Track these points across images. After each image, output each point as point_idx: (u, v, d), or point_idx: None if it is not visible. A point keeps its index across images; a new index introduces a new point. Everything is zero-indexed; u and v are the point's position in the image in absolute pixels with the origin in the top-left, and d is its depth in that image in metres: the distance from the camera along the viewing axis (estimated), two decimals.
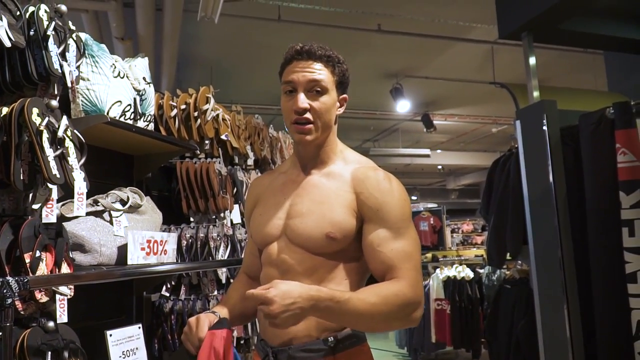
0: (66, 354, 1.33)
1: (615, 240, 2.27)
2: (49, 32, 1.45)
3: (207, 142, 2.56)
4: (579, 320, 2.44)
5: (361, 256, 1.38)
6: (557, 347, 2.49)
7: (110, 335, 1.64)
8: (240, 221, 2.63)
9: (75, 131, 1.47)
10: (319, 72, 1.37)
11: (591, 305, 2.39)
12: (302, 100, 1.35)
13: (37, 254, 1.33)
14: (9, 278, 1.20)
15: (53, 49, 1.46)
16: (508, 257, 3.20)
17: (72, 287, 1.44)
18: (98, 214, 1.75)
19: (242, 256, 2.47)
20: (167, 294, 2.42)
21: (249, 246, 1.63)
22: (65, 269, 1.42)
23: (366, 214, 1.36)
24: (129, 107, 1.90)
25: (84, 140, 1.50)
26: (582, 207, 2.46)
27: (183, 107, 2.49)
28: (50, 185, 1.40)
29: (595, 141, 2.40)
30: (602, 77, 4.23)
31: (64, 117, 1.43)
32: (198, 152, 2.53)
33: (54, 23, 1.48)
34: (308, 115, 1.36)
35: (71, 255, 1.54)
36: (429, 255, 7.53)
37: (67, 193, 1.50)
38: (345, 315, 1.22)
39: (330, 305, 1.19)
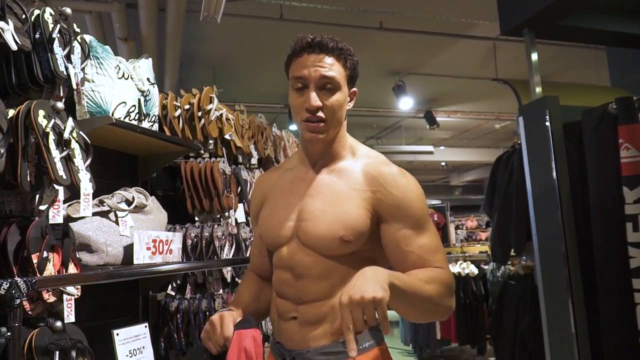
0: (74, 354, 1.34)
1: (620, 235, 2.27)
2: (54, 35, 1.47)
3: (211, 141, 2.57)
4: (584, 315, 2.44)
5: (376, 257, 1.33)
6: (563, 342, 2.49)
7: (117, 334, 1.65)
8: (244, 220, 2.64)
9: (80, 132, 1.49)
10: (332, 67, 1.29)
11: (596, 300, 2.39)
12: (315, 99, 1.27)
13: (45, 254, 1.34)
14: (17, 279, 1.21)
15: (58, 51, 1.48)
16: (512, 253, 3.21)
17: (79, 287, 1.46)
18: (104, 214, 1.76)
19: (247, 255, 2.49)
20: (173, 293, 2.44)
21: (256, 246, 1.57)
22: (72, 269, 1.43)
23: (386, 212, 1.30)
24: (133, 108, 1.92)
25: (89, 142, 1.51)
26: (585, 202, 2.46)
27: (187, 107, 2.50)
28: (56, 187, 1.41)
29: (598, 137, 2.40)
30: (604, 73, 4.22)
31: (70, 119, 1.44)
32: (202, 151, 2.54)
33: (59, 26, 1.49)
34: (321, 113, 1.29)
35: (78, 256, 1.55)
36: None
37: (73, 194, 1.51)
38: (409, 294, 1.14)
39: (401, 281, 1.12)
